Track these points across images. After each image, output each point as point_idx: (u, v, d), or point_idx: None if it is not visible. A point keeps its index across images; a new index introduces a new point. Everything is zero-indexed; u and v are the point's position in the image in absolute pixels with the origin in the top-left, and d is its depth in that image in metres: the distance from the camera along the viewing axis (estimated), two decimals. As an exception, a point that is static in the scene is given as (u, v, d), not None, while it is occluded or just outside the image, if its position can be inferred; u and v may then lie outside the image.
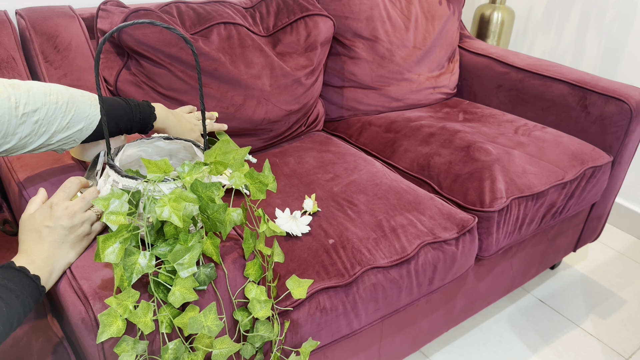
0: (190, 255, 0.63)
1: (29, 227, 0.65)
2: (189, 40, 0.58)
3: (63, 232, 0.65)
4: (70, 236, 0.65)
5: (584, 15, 1.83)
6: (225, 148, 0.65)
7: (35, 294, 0.61)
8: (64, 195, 0.67)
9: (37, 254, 0.63)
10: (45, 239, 0.64)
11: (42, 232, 0.64)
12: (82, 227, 0.67)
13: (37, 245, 0.64)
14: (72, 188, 0.69)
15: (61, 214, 0.65)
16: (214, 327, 0.64)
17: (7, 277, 0.59)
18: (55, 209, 0.65)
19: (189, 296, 0.63)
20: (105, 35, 0.55)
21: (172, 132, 0.87)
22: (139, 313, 0.62)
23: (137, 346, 0.63)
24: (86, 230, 0.67)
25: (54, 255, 0.64)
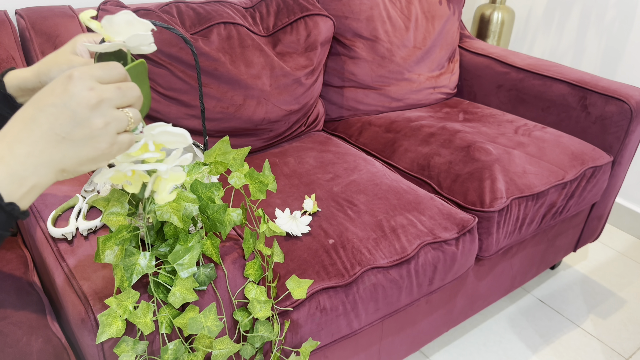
0: (190, 256, 0.63)
1: (30, 100, 0.43)
2: (188, 40, 0.58)
3: (70, 123, 0.41)
4: (78, 132, 0.41)
5: (584, 15, 1.83)
6: (225, 148, 0.65)
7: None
8: (99, 74, 0.43)
9: (14, 145, 0.40)
10: (38, 124, 0.41)
11: (40, 111, 0.41)
12: (103, 128, 0.42)
13: (23, 131, 0.41)
14: (112, 72, 0.45)
15: (79, 94, 0.41)
16: (213, 327, 0.64)
17: None
18: (74, 82, 0.41)
19: (189, 297, 0.63)
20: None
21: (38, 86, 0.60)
22: (139, 314, 0.62)
23: (136, 347, 0.63)
24: (108, 136, 0.43)
25: (43, 153, 0.41)
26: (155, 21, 0.55)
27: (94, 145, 0.43)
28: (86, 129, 0.42)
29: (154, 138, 0.50)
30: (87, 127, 0.42)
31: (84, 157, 0.43)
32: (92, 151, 0.43)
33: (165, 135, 0.51)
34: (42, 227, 0.73)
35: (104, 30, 0.49)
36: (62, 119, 0.41)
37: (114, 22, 0.48)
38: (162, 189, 0.53)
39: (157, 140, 0.51)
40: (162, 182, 0.53)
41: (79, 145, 0.42)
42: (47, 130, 0.41)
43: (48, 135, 0.41)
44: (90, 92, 0.42)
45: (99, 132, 0.42)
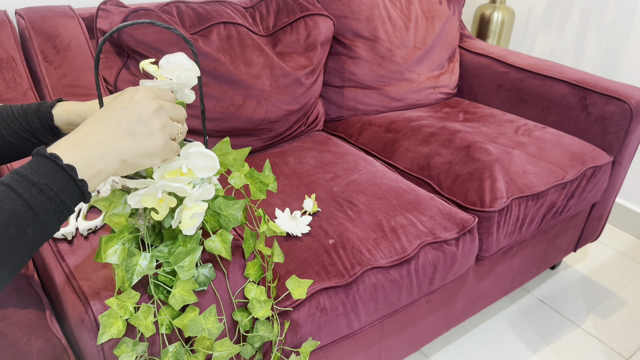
0: (190, 258, 0.63)
1: (100, 110, 0.51)
2: (188, 40, 0.58)
3: (135, 121, 0.50)
4: (141, 129, 0.50)
5: (584, 15, 1.83)
6: (225, 149, 0.65)
7: (70, 188, 0.46)
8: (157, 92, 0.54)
9: (88, 136, 0.49)
10: (108, 122, 0.50)
11: (111, 112, 0.50)
12: (161, 130, 0.52)
13: (95, 127, 0.49)
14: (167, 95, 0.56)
15: (144, 101, 0.51)
16: (214, 329, 0.64)
17: (32, 168, 0.45)
18: (140, 93, 0.52)
19: (189, 298, 0.63)
20: (105, 36, 0.55)
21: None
22: (139, 316, 0.62)
23: (137, 348, 0.63)
24: (164, 136, 0.52)
25: (111, 144, 0.49)
26: (155, 21, 0.55)
27: (152, 141, 0.51)
28: (148, 127, 0.51)
29: (189, 158, 0.58)
30: (149, 126, 0.51)
31: (144, 151, 0.51)
32: (151, 146, 0.51)
33: (199, 157, 0.58)
34: (42, 227, 0.72)
35: (160, 70, 0.59)
36: (129, 118, 0.50)
37: (170, 61, 0.58)
38: (185, 216, 0.59)
39: (191, 161, 0.58)
40: (185, 210, 0.59)
41: (141, 139, 0.50)
42: (115, 126, 0.49)
43: (116, 129, 0.49)
44: (152, 100, 0.52)
45: (157, 131, 0.51)
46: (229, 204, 0.66)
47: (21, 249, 0.43)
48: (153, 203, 0.58)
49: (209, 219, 0.66)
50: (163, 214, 0.59)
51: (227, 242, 0.66)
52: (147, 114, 0.51)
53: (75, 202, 0.47)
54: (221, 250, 0.66)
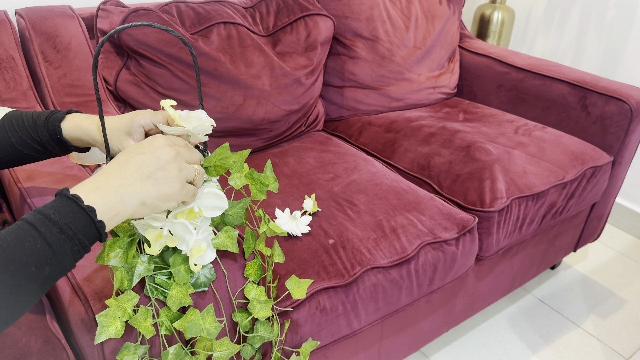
0: (185, 266, 0.64)
1: (121, 153, 0.55)
2: (187, 42, 0.58)
3: (154, 165, 0.53)
4: (160, 173, 0.54)
5: (584, 15, 1.83)
6: (224, 154, 0.65)
7: (88, 229, 0.48)
8: (172, 139, 0.57)
9: (110, 179, 0.52)
10: (129, 166, 0.53)
11: (132, 158, 0.53)
12: (178, 173, 0.55)
13: (116, 170, 0.52)
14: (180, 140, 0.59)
15: (162, 148, 0.55)
16: (212, 329, 0.64)
17: (54, 208, 0.48)
18: (158, 140, 0.55)
19: (185, 300, 0.64)
20: (103, 38, 0.55)
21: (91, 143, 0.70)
22: (139, 318, 0.62)
23: (137, 350, 0.63)
24: (181, 180, 0.55)
25: (131, 186, 0.52)
26: (153, 23, 0.56)
27: (170, 184, 0.54)
28: (166, 171, 0.54)
29: (200, 197, 0.61)
30: (167, 170, 0.54)
31: (162, 193, 0.54)
32: (168, 189, 0.54)
33: (211, 197, 0.62)
34: (42, 227, 0.73)
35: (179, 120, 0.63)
36: (148, 162, 0.54)
37: (191, 115, 0.62)
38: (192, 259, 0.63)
39: (203, 201, 0.61)
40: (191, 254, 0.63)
41: (159, 182, 0.54)
42: (136, 170, 0.53)
43: (136, 173, 0.53)
44: (169, 147, 0.56)
45: (175, 174, 0.55)
46: (233, 204, 0.67)
47: (37, 285, 0.46)
48: (153, 237, 0.60)
49: (213, 218, 0.67)
50: (155, 250, 0.61)
51: (233, 238, 0.67)
52: (165, 159, 0.54)
53: (93, 241, 0.50)
54: (228, 245, 0.66)
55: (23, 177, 0.84)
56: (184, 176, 0.56)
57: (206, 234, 0.64)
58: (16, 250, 0.44)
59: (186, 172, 0.56)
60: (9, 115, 0.70)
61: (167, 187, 0.54)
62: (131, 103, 1.17)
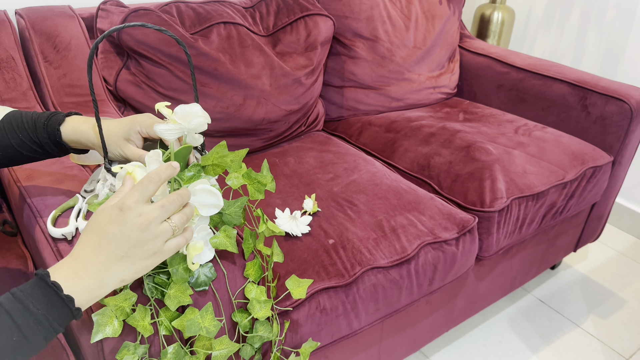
0: (183, 266, 0.64)
1: (92, 228, 0.54)
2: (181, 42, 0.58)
3: (127, 245, 0.52)
4: (134, 251, 0.53)
5: (584, 15, 1.83)
6: (221, 153, 0.65)
7: (64, 317, 0.50)
8: (139, 197, 0.54)
9: (87, 265, 0.52)
10: (103, 248, 0.52)
11: (103, 238, 0.53)
12: (152, 243, 0.54)
13: (92, 253, 0.52)
14: (149, 188, 0.55)
15: (131, 222, 0.52)
16: (211, 327, 0.64)
17: (33, 295, 0.48)
18: (126, 213, 0.53)
19: (184, 299, 0.63)
20: (95, 41, 0.55)
21: (89, 146, 0.71)
22: (137, 317, 0.62)
23: (137, 350, 0.63)
24: (156, 248, 0.54)
25: (107, 269, 0.52)
26: (146, 23, 0.56)
27: (146, 256, 0.54)
28: (139, 247, 0.53)
29: (193, 194, 0.60)
30: (140, 246, 0.53)
31: (140, 267, 0.54)
32: (146, 261, 0.54)
33: (205, 194, 0.61)
34: (42, 227, 0.73)
35: (174, 116, 0.62)
36: (120, 242, 0.52)
37: (185, 110, 0.62)
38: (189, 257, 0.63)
39: (197, 199, 0.61)
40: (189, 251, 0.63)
41: (135, 259, 0.53)
42: (110, 253, 0.52)
43: (111, 256, 0.52)
44: (139, 218, 0.53)
45: (149, 247, 0.54)
46: (230, 203, 0.67)
47: None
48: None
49: (212, 217, 0.67)
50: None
51: (232, 237, 0.67)
52: (136, 235, 0.52)
53: (66, 324, 0.51)
54: (227, 245, 0.66)
55: (23, 177, 0.84)
56: (160, 242, 0.54)
57: (204, 233, 0.64)
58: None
59: (162, 236, 0.54)
60: (9, 116, 0.70)
61: (144, 260, 0.54)
62: (131, 103, 1.17)
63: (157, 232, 0.54)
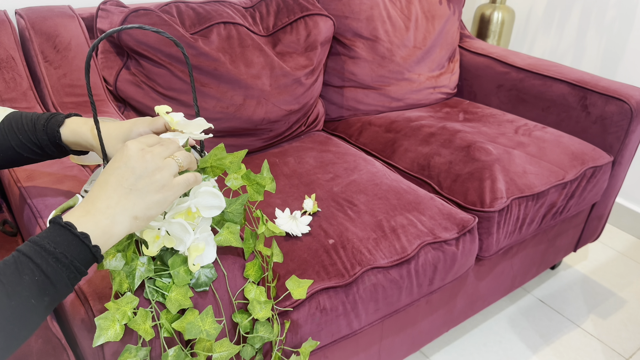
0: (184, 268, 0.64)
1: (101, 175, 0.55)
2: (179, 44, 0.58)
3: (132, 177, 0.53)
4: (140, 183, 0.53)
5: (584, 15, 1.83)
6: (220, 155, 0.65)
7: (84, 255, 0.50)
8: (144, 140, 0.56)
9: (96, 202, 0.52)
10: (110, 184, 0.53)
11: (110, 175, 0.53)
12: (159, 174, 0.54)
13: (100, 191, 0.53)
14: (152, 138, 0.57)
15: (135, 155, 0.54)
16: (212, 330, 0.64)
17: (49, 237, 0.49)
18: (129, 147, 0.54)
19: (185, 302, 0.64)
20: (93, 43, 0.54)
21: (88, 148, 0.72)
22: (138, 320, 0.62)
23: (138, 352, 0.63)
24: (163, 180, 0.54)
25: (118, 204, 0.52)
26: (144, 25, 0.56)
27: (155, 189, 0.54)
28: (146, 178, 0.53)
29: (197, 196, 0.61)
30: (147, 177, 0.53)
31: (150, 201, 0.54)
32: (155, 194, 0.54)
33: (208, 196, 0.61)
34: (42, 227, 0.73)
35: (177, 125, 0.63)
36: (126, 175, 0.53)
37: (188, 122, 0.63)
38: (191, 258, 0.63)
39: (200, 200, 0.61)
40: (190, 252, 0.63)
41: (144, 192, 0.53)
42: (117, 186, 0.52)
43: (118, 189, 0.52)
44: (141, 151, 0.54)
45: (156, 178, 0.54)
46: (231, 202, 0.67)
47: (38, 315, 0.47)
48: (150, 238, 0.61)
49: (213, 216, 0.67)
50: (153, 251, 0.61)
51: (235, 233, 0.67)
52: (140, 166, 0.53)
53: (89, 265, 0.51)
54: (231, 241, 0.67)
55: (23, 177, 0.84)
56: (167, 174, 0.55)
57: (205, 234, 0.64)
58: (16, 284, 0.45)
59: (168, 168, 0.55)
60: (9, 117, 0.70)
61: (153, 194, 0.54)
62: (131, 103, 1.17)
63: (162, 164, 0.55)
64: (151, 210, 0.54)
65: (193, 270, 0.63)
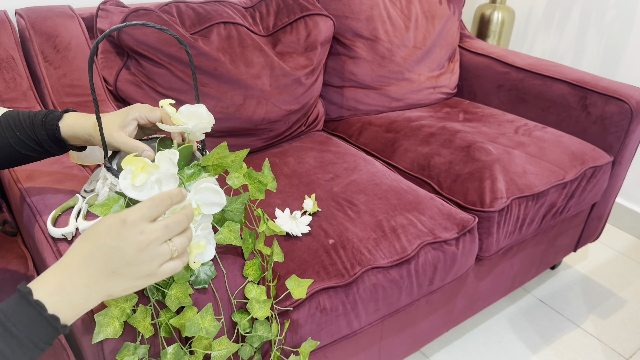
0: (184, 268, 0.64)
1: (88, 236, 0.50)
2: (182, 41, 0.58)
3: (121, 261, 0.49)
4: (127, 269, 0.49)
5: (584, 15, 1.83)
6: (222, 153, 0.65)
7: (49, 335, 0.47)
8: (146, 214, 0.50)
9: (74, 276, 0.48)
10: (95, 260, 0.49)
11: (97, 249, 0.49)
12: (148, 265, 0.50)
13: (82, 265, 0.49)
14: (158, 208, 0.52)
15: (131, 238, 0.49)
16: (211, 328, 0.64)
17: (14, 317, 0.45)
18: (127, 227, 0.49)
19: (184, 300, 0.64)
20: (96, 40, 0.55)
21: (88, 140, 0.70)
22: (138, 317, 0.62)
23: (137, 350, 0.63)
24: (150, 270, 0.51)
25: (96, 284, 0.49)
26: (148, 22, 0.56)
27: (138, 277, 0.50)
28: (133, 266, 0.49)
29: (198, 193, 0.61)
30: (135, 265, 0.49)
31: (129, 286, 0.51)
32: (137, 281, 0.51)
33: (209, 192, 0.61)
34: (42, 227, 0.73)
35: (178, 115, 0.64)
36: (114, 258, 0.49)
37: (190, 110, 0.63)
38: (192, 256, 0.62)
39: (201, 197, 0.61)
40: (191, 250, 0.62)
41: (127, 278, 0.50)
42: (101, 267, 0.49)
43: (101, 270, 0.49)
44: (140, 236, 0.49)
45: (144, 267, 0.50)
46: (232, 200, 0.67)
47: None
48: None
49: (214, 215, 0.67)
50: None
51: (235, 232, 0.67)
52: (133, 254, 0.49)
53: (53, 340, 0.48)
54: (231, 239, 0.67)
55: (23, 177, 0.84)
56: (156, 264, 0.51)
57: (206, 232, 0.64)
58: None
59: (159, 258, 0.51)
60: (6, 115, 0.70)
61: (135, 280, 0.50)
62: (131, 103, 1.17)
63: (156, 253, 0.50)
64: (127, 292, 0.52)
65: (193, 268, 0.63)
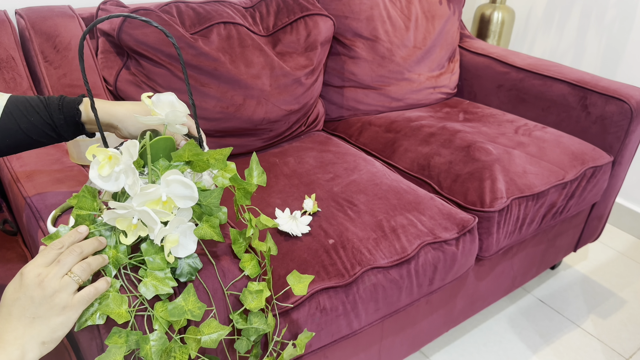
0: (160, 256, 0.62)
1: (1, 303, 0.55)
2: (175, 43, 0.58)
3: (32, 306, 0.53)
4: (41, 310, 0.54)
5: (584, 15, 1.83)
6: (194, 150, 0.64)
7: None
8: (41, 261, 0.56)
9: (4, 335, 0.53)
10: (13, 315, 0.53)
11: (11, 306, 0.54)
12: (57, 298, 0.54)
13: (6, 324, 0.53)
14: (50, 254, 0.57)
15: (31, 283, 0.54)
16: (196, 310, 0.62)
17: None
18: (25, 276, 0.55)
19: (163, 288, 0.61)
20: (88, 26, 0.55)
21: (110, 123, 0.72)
22: (110, 304, 0.59)
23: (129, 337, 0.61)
24: (63, 302, 0.55)
25: (24, 334, 0.53)
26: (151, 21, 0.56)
27: (56, 312, 0.54)
28: (45, 304, 0.54)
29: (169, 186, 0.60)
30: (46, 303, 0.54)
31: (54, 325, 0.54)
32: (58, 317, 0.55)
33: (178, 185, 0.60)
34: (42, 227, 0.73)
35: (153, 107, 0.65)
36: (26, 305, 0.54)
37: (160, 99, 0.64)
38: (166, 249, 0.62)
39: (171, 189, 0.60)
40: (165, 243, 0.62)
41: (46, 317, 0.54)
42: (20, 317, 0.53)
43: (22, 319, 0.53)
44: (37, 278, 0.54)
45: (56, 302, 0.54)
46: (206, 194, 0.65)
47: None
48: (126, 227, 0.60)
49: (193, 208, 0.65)
50: (131, 240, 0.60)
51: (215, 226, 0.65)
52: (38, 294, 0.54)
53: None
54: (212, 234, 0.65)
55: (23, 176, 0.84)
56: (65, 295, 0.55)
57: (185, 226, 0.63)
58: None
59: (65, 288, 0.55)
60: (12, 100, 0.68)
61: (56, 317, 0.54)
62: (131, 103, 1.17)
63: (58, 286, 0.54)
64: (57, 332, 0.55)
65: (170, 261, 0.61)
